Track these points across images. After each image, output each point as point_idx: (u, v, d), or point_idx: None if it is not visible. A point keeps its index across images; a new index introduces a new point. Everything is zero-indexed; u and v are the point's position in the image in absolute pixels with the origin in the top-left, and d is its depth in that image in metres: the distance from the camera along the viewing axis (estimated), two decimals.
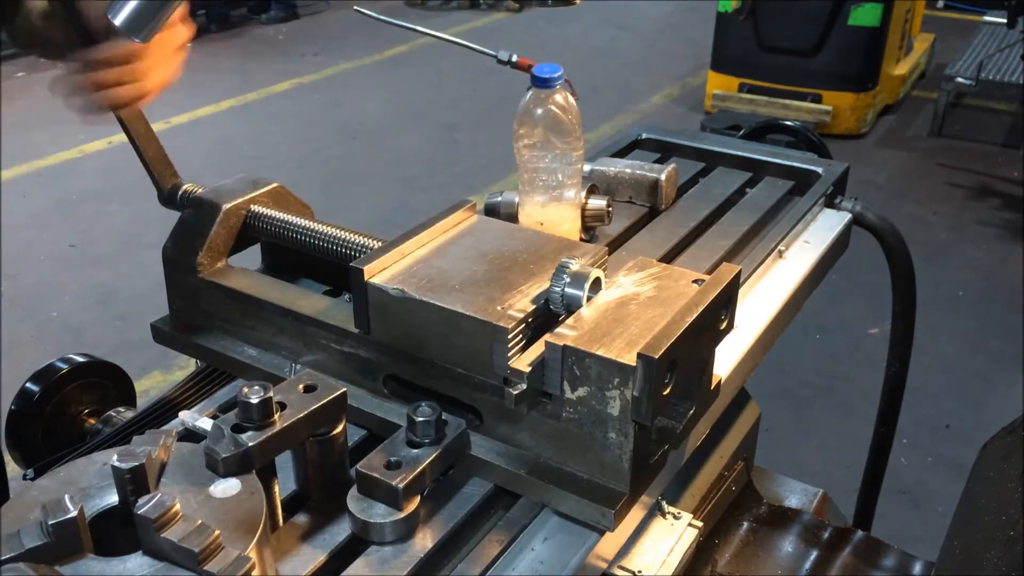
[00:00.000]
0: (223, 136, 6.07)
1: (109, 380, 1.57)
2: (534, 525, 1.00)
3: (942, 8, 9.18)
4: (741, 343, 1.26)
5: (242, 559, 0.74)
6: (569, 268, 0.98)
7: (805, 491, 1.64)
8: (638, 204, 1.57)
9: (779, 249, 1.48)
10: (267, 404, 0.88)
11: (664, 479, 1.18)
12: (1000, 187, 5.45)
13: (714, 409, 1.16)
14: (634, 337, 0.92)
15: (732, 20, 6.14)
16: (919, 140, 6.19)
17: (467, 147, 5.90)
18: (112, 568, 0.75)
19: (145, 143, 1.26)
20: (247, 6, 8.99)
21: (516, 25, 9.05)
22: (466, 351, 0.99)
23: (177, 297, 1.25)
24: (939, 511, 2.95)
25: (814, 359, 3.77)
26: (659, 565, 1.14)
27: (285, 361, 1.17)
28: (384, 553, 0.91)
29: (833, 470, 2.94)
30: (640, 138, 1.86)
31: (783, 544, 1.47)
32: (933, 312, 3.94)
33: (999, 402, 3.51)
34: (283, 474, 0.96)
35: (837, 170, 1.69)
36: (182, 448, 0.87)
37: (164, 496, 0.76)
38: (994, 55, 6.14)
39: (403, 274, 1.05)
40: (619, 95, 6.83)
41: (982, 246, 4.78)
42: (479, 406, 1.03)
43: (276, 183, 1.29)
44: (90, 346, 1.68)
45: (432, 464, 0.94)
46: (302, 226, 1.22)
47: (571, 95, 1.31)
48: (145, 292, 3.98)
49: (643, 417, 0.89)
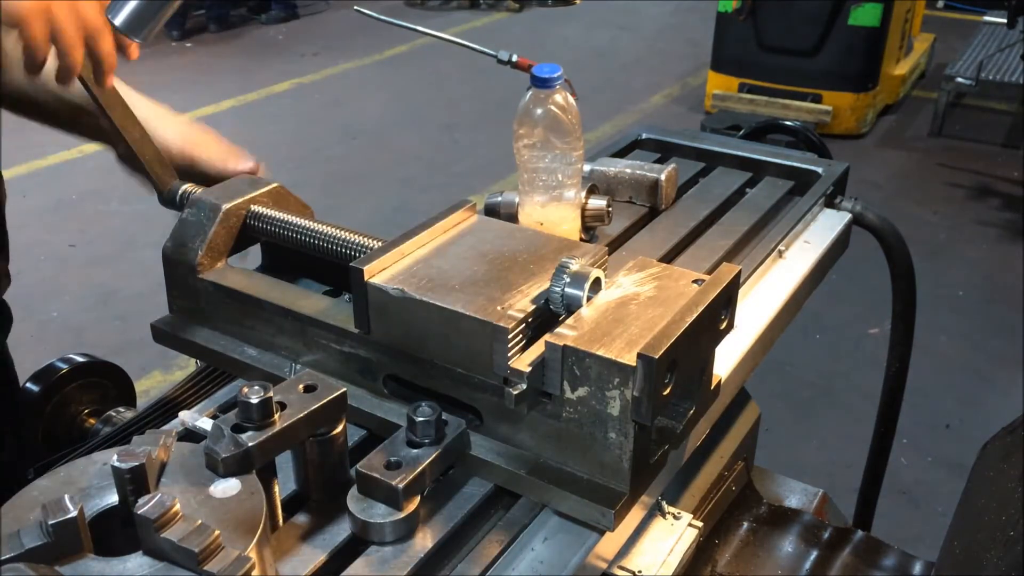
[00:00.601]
0: (223, 136, 6.07)
1: (109, 380, 1.57)
2: (534, 525, 1.00)
3: (942, 8, 9.19)
4: (741, 343, 1.26)
5: (242, 559, 0.74)
6: (569, 268, 0.98)
7: (805, 491, 1.64)
8: (638, 204, 1.57)
9: (779, 249, 1.48)
10: (267, 404, 0.88)
11: (664, 479, 1.18)
12: (1000, 187, 5.45)
13: (714, 409, 1.16)
14: (634, 337, 0.92)
15: (732, 20, 6.15)
16: (919, 140, 6.19)
17: (467, 147, 5.90)
18: (112, 568, 0.75)
19: (141, 146, 1.26)
20: (247, 6, 8.99)
21: (516, 25, 9.06)
22: (466, 351, 0.99)
23: (177, 297, 1.25)
24: (939, 511, 2.95)
25: (814, 359, 3.77)
26: (659, 565, 1.14)
27: (285, 361, 1.17)
28: (384, 553, 0.91)
29: (833, 470, 2.94)
30: (640, 138, 1.86)
31: (783, 544, 1.47)
32: (933, 312, 3.94)
33: (999, 402, 3.51)
34: (283, 474, 0.96)
35: (837, 170, 1.69)
36: (182, 448, 0.87)
37: (164, 496, 0.75)
38: (994, 55, 6.14)
39: (403, 274, 1.05)
40: (619, 95, 6.83)
41: (982, 246, 4.78)
42: (479, 406, 1.03)
43: (276, 183, 1.29)
44: (90, 346, 1.68)
45: (432, 464, 0.94)
46: (302, 226, 1.22)
47: (571, 95, 1.31)
48: (145, 292, 3.98)
49: (643, 417, 0.89)
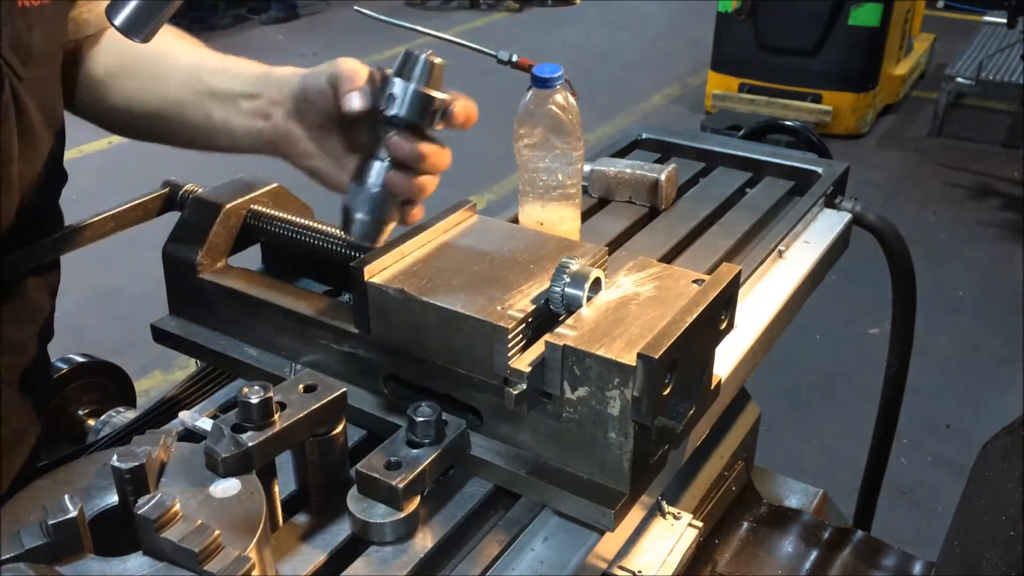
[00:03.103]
0: None
1: (109, 380, 1.57)
2: (534, 525, 1.00)
3: (942, 8, 9.19)
4: (741, 343, 1.26)
5: (242, 559, 0.74)
6: (569, 268, 0.98)
7: (805, 491, 1.64)
8: (638, 204, 1.57)
9: (779, 249, 1.48)
10: (267, 404, 0.88)
11: (664, 479, 1.18)
12: (1000, 187, 5.45)
13: (714, 409, 1.16)
14: (634, 337, 0.92)
15: (732, 20, 6.15)
16: (919, 140, 6.19)
17: (467, 147, 5.89)
18: (112, 568, 0.75)
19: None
20: (247, 6, 8.98)
21: (516, 25, 9.05)
22: (466, 351, 0.99)
23: (177, 297, 1.25)
24: (939, 511, 2.95)
25: (814, 359, 3.77)
26: (659, 565, 1.14)
27: (285, 361, 1.17)
28: (384, 553, 0.91)
29: (833, 470, 2.94)
30: (640, 138, 1.86)
31: (783, 544, 1.47)
32: (933, 312, 3.94)
33: (999, 402, 3.51)
34: (283, 474, 0.96)
35: (837, 170, 1.69)
36: (182, 448, 0.87)
37: (164, 496, 0.75)
38: (994, 55, 6.14)
39: (403, 274, 1.05)
40: (619, 95, 6.83)
41: (982, 246, 4.78)
42: (479, 406, 1.03)
43: (276, 183, 1.29)
44: (90, 346, 1.68)
45: (432, 464, 0.94)
46: (302, 226, 1.22)
47: (571, 95, 1.31)
48: (145, 292, 3.97)
49: (643, 417, 0.89)
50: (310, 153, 1.11)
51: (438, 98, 1.02)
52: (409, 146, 1.02)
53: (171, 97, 1.20)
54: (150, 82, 1.23)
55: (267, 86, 1.13)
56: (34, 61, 1.04)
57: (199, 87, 1.18)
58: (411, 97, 1.01)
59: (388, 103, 1.01)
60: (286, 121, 1.11)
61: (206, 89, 1.18)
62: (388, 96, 1.01)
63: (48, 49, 1.08)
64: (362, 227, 1.05)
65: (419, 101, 1.01)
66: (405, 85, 1.00)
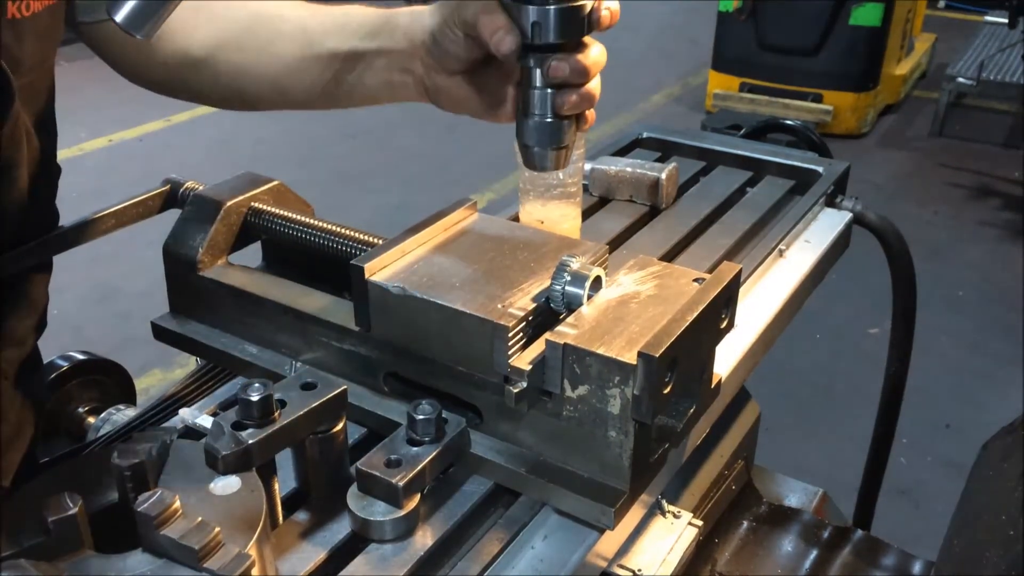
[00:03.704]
0: (224, 134, 6.07)
1: (109, 378, 1.57)
2: (534, 523, 1.00)
3: (943, 8, 9.19)
4: (741, 342, 1.26)
5: (242, 556, 0.74)
6: (570, 267, 0.98)
7: (805, 490, 1.64)
8: (639, 203, 1.57)
9: (780, 248, 1.48)
10: (267, 402, 0.88)
11: (664, 478, 1.18)
12: (1000, 187, 5.45)
13: (714, 408, 1.16)
14: (635, 336, 0.92)
15: (733, 20, 6.15)
16: (920, 140, 6.19)
17: (467, 146, 5.90)
18: (112, 565, 0.75)
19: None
20: None
21: None
22: (466, 349, 0.99)
23: (177, 295, 1.25)
24: (939, 511, 2.94)
25: (814, 359, 3.77)
26: (659, 564, 1.14)
27: (285, 359, 1.17)
28: (384, 551, 0.91)
29: (833, 470, 2.94)
30: (641, 137, 1.86)
31: (783, 543, 1.47)
32: (933, 312, 3.94)
33: (999, 402, 3.51)
34: (283, 472, 0.96)
35: (838, 169, 1.69)
36: (182, 445, 0.87)
37: (164, 493, 0.76)
38: (995, 55, 6.14)
39: (404, 272, 1.05)
40: (620, 94, 6.82)
41: (982, 246, 4.78)
42: (479, 404, 1.03)
43: (277, 181, 1.29)
44: (90, 344, 1.68)
45: (432, 462, 0.94)
46: (303, 224, 1.22)
47: None
48: (145, 290, 3.98)
49: (643, 416, 0.89)
50: (464, 99, 1.10)
51: (584, 6, 0.95)
52: (568, 66, 0.98)
53: (289, 64, 1.18)
54: (260, 54, 1.20)
55: (393, 38, 1.11)
56: (24, 69, 1.03)
57: (319, 50, 1.16)
58: (556, 18, 0.95)
59: (535, 31, 0.95)
60: (429, 73, 1.09)
61: (326, 52, 1.15)
62: (532, 25, 0.95)
63: (39, 55, 1.07)
64: (545, 159, 1.05)
65: (566, 19, 0.94)
66: (543, 9, 0.94)
